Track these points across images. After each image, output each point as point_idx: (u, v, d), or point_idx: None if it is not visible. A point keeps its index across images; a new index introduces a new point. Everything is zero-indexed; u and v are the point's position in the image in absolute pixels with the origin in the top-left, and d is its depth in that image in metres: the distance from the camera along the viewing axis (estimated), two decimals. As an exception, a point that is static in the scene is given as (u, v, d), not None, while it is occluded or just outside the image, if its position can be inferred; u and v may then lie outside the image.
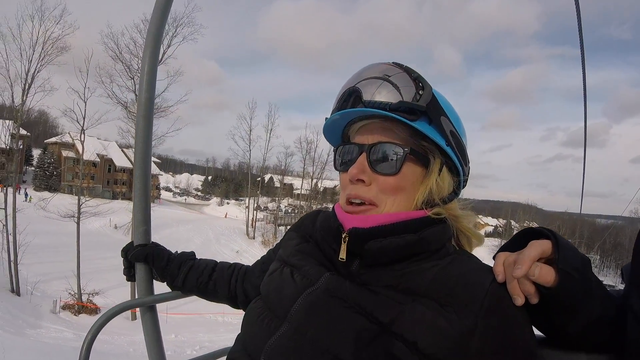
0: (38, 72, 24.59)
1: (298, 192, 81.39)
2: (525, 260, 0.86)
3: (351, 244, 1.02)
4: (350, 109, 1.04)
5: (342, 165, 1.10)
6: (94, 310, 21.60)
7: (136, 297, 1.68)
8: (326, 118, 1.12)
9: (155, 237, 1.72)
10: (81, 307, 21.48)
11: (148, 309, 1.69)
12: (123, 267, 1.71)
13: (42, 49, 24.72)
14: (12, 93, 24.35)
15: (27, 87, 24.24)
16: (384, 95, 1.00)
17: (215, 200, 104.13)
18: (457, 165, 1.06)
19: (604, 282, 0.99)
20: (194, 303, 22.46)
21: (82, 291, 22.08)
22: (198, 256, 1.70)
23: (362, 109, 1.02)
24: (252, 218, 56.33)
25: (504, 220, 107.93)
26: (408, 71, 1.02)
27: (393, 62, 1.06)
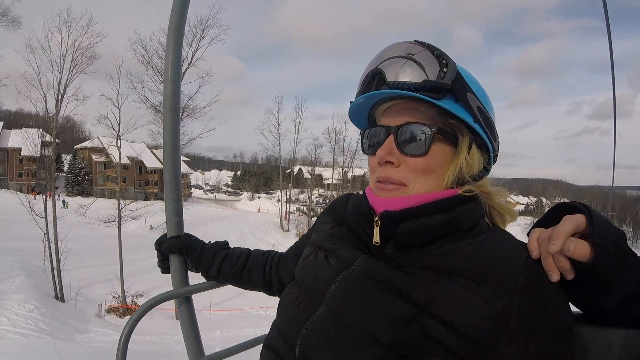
0: (70, 82, 24.90)
1: (328, 182, 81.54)
2: (560, 235, 0.84)
3: (384, 227, 1.01)
4: (374, 92, 1.02)
5: (370, 148, 1.09)
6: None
7: (172, 289, 1.68)
8: (351, 102, 1.11)
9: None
10: (126, 309, 21.72)
11: (184, 300, 1.69)
12: (157, 259, 1.72)
13: (72, 59, 24.98)
14: (46, 104, 24.66)
15: (60, 97, 24.54)
16: (408, 74, 0.98)
17: (246, 195, 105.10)
18: (486, 142, 1.04)
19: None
20: (236, 299, 22.69)
21: (125, 294, 22.41)
22: None
23: (386, 91, 1.00)
24: (285, 211, 56.51)
25: (535, 198, 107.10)
26: (430, 48, 1.01)
27: (415, 40, 1.04)
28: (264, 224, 53.90)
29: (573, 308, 0.94)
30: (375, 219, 1.03)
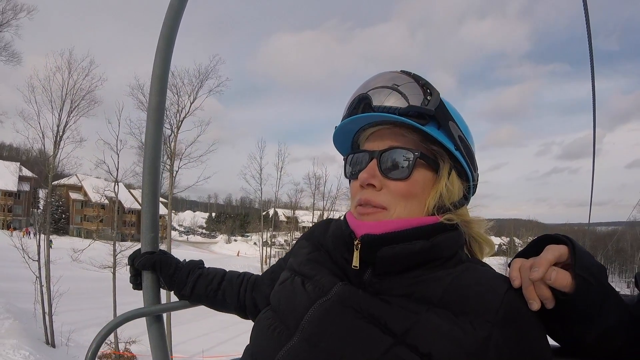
0: (69, 124, 24.92)
1: (304, 225, 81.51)
2: (542, 263, 0.86)
3: (363, 251, 1.01)
4: (361, 114, 1.05)
5: (353, 173, 1.10)
6: (131, 358, 21.37)
7: (143, 306, 1.64)
8: (336, 126, 1.13)
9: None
10: (118, 356, 21.22)
11: (155, 319, 1.65)
12: (129, 274, 1.68)
13: (72, 100, 24.96)
14: (44, 144, 24.68)
15: (58, 138, 24.45)
16: (394, 101, 1.01)
17: (222, 237, 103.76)
18: (466, 170, 1.07)
19: None
20: (229, 343, 22.39)
21: (118, 340, 21.81)
22: None
23: (372, 114, 1.03)
24: (266, 255, 56.45)
25: (507, 238, 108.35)
26: (416, 78, 1.04)
27: (401, 70, 1.08)
28: (245, 268, 51.23)
29: (551, 341, 0.97)
30: (356, 242, 1.03)
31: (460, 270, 0.99)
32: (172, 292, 1.65)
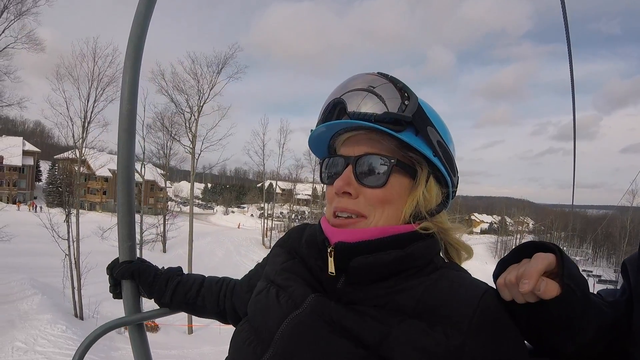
0: (95, 111, 26.33)
1: (299, 197, 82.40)
2: (533, 275, 0.84)
3: (337, 259, 1.00)
4: (335, 121, 1.03)
5: (329, 178, 1.09)
6: (154, 327, 22.68)
7: (124, 315, 1.62)
8: (312, 130, 1.11)
9: (180, 252, 2.60)
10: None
11: (136, 327, 1.63)
12: (109, 284, 1.65)
13: (97, 88, 26.25)
14: (73, 130, 26.15)
15: (86, 124, 25.90)
16: (370, 106, 0.99)
17: (220, 209, 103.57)
18: (445, 176, 1.05)
19: (596, 273, 1.73)
20: None
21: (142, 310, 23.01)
22: (224, 267, 2.56)
23: (346, 121, 1.01)
24: (267, 228, 57.55)
25: (499, 217, 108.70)
26: (393, 81, 1.01)
27: (378, 73, 1.05)
28: (247, 240, 54.51)
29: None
30: (329, 250, 1.02)
31: (435, 277, 0.97)
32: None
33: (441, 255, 1.10)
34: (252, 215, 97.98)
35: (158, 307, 1.64)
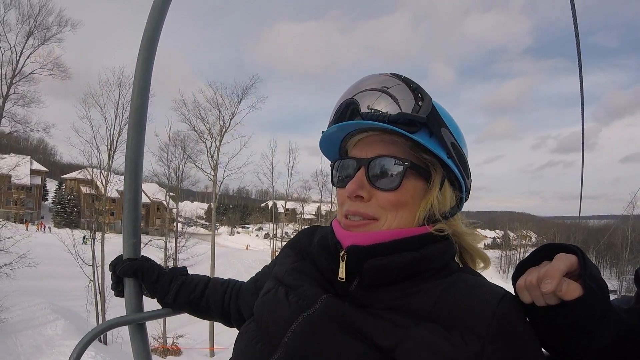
0: (121, 137, 26.10)
1: (303, 216, 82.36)
2: (555, 275, 0.82)
3: (350, 262, 0.98)
4: (348, 122, 1.00)
5: (340, 181, 1.06)
6: (177, 351, 22.73)
7: (125, 314, 1.59)
8: (323, 131, 1.08)
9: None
10: (167, 350, 22.56)
11: (137, 327, 1.60)
12: (111, 281, 1.64)
13: (122, 118, 26.38)
14: (99, 157, 26.25)
15: (112, 152, 26.02)
16: (383, 107, 0.97)
17: (225, 229, 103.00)
18: (459, 179, 1.04)
19: None
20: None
21: (166, 335, 23.28)
22: None
23: (359, 122, 0.99)
24: (276, 249, 57.67)
25: (501, 232, 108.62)
26: (407, 82, 0.99)
27: (391, 73, 1.03)
28: (256, 261, 53.56)
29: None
30: (342, 254, 0.99)
31: (451, 281, 0.95)
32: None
33: (456, 260, 1.09)
34: (257, 235, 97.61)
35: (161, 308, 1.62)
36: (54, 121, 26.98)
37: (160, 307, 1.61)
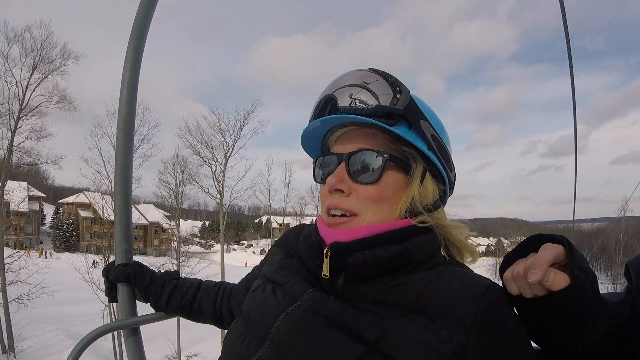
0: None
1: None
2: (542, 265, 0.81)
3: (333, 259, 0.98)
4: (326, 117, 1.01)
5: (322, 178, 1.07)
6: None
7: (118, 319, 1.61)
8: (304, 129, 1.09)
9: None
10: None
11: (131, 331, 1.61)
12: (104, 287, 1.64)
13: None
14: (111, 185, 26.14)
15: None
16: (361, 101, 0.97)
17: (219, 247, 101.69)
18: (440, 171, 1.03)
19: None
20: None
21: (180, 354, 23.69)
22: None
23: (338, 116, 0.99)
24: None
25: (495, 239, 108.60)
26: (385, 76, 0.99)
27: (369, 68, 1.03)
28: None
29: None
30: (325, 251, 0.99)
31: (436, 272, 0.95)
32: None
33: (443, 253, 1.08)
34: (253, 252, 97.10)
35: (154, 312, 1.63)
36: (57, 145, 27.51)
37: (153, 311, 1.64)
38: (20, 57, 24.74)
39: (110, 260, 1.76)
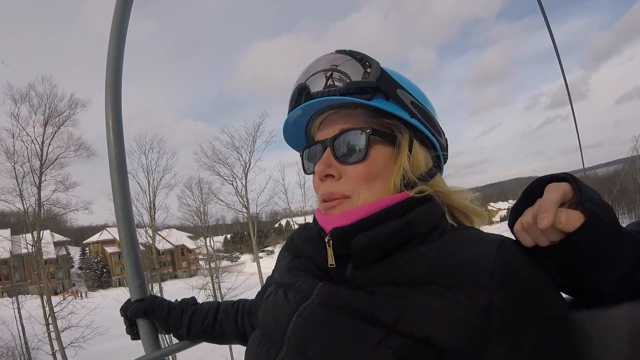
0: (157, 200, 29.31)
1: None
2: (549, 207, 0.74)
3: (336, 246, 0.95)
4: (302, 105, 0.99)
5: (310, 168, 1.05)
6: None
7: (144, 354, 1.59)
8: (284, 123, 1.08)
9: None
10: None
11: None
12: (125, 326, 1.64)
13: (154, 179, 29.70)
14: (143, 221, 29.48)
15: (153, 214, 29.57)
16: (333, 84, 0.96)
17: (247, 257, 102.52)
18: (428, 137, 1.00)
19: None
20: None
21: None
22: None
23: (312, 101, 0.97)
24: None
25: (513, 201, 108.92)
26: (352, 54, 0.98)
27: (336, 50, 1.02)
28: None
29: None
30: (327, 239, 0.96)
31: (445, 240, 0.90)
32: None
33: (449, 220, 1.03)
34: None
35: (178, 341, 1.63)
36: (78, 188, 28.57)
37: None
38: (29, 114, 25.61)
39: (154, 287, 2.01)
